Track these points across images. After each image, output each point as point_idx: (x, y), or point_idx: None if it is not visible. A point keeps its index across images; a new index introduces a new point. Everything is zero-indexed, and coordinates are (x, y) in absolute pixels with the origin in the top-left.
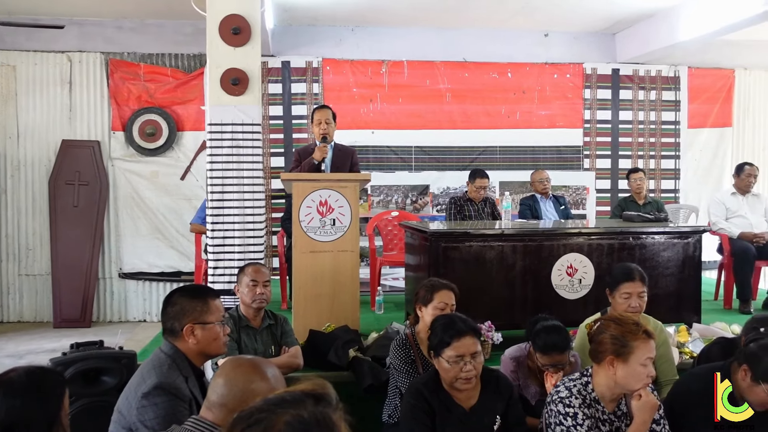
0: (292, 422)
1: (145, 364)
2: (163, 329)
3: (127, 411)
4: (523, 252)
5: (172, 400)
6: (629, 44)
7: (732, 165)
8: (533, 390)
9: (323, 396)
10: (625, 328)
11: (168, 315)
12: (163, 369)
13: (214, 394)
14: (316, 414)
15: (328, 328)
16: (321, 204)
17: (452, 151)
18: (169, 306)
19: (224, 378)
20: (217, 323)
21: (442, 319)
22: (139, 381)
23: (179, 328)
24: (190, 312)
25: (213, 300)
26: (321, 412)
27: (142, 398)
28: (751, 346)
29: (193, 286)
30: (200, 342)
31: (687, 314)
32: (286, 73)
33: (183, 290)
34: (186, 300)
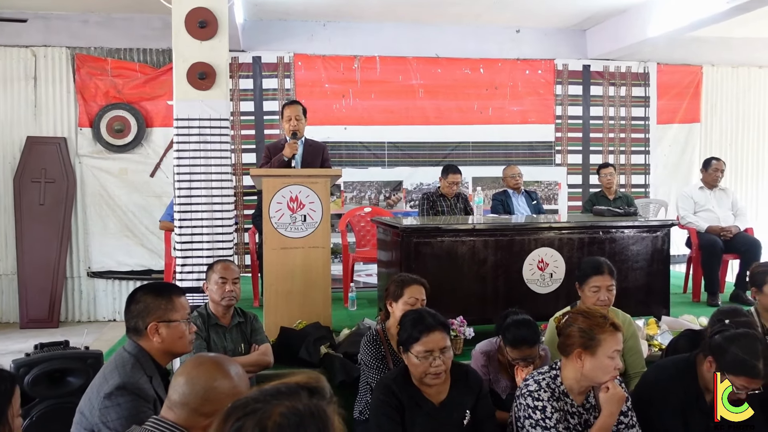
0: (287, 413)
1: (108, 364)
2: (127, 328)
3: (89, 412)
4: (494, 247)
5: (135, 401)
6: (600, 40)
7: (700, 160)
8: (504, 384)
9: (317, 389)
10: (593, 321)
11: (131, 313)
12: (127, 369)
13: (176, 393)
14: (310, 406)
15: (299, 325)
16: (291, 200)
17: (425, 147)
18: (133, 304)
19: (186, 377)
20: (182, 321)
21: (411, 314)
22: (102, 381)
23: (143, 326)
24: (154, 310)
25: (178, 297)
26: (315, 405)
27: (105, 399)
28: (716, 338)
29: (157, 284)
30: (165, 341)
31: (656, 307)
32: (257, 68)
33: (147, 288)
34: (150, 298)
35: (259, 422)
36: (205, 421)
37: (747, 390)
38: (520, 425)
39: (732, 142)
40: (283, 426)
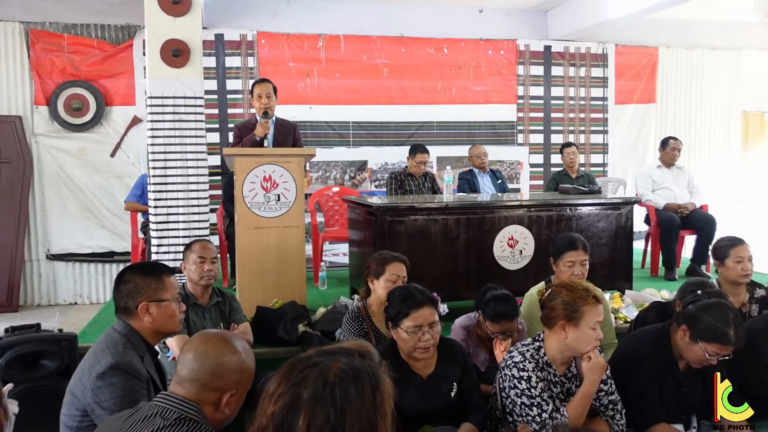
0: (345, 368)
1: (98, 344)
2: (116, 308)
3: (81, 392)
4: (466, 225)
5: (128, 380)
6: (560, 21)
7: (656, 139)
8: (482, 357)
9: (368, 353)
10: (576, 293)
11: (121, 293)
12: (119, 348)
13: (185, 369)
14: (365, 365)
15: (275, 304)
16: (265, 179)
17: (390, 127)
18: (122, 284)
19: (194, 353)
20: (172, 300)
21: (399, 291)
22: (93, 361)
23: (134, 306)
24: (144, 290)
25: (168, 277)
26: (369, 364)
27: (98, 379)
28: (690, 308)
29: (146, 264)
30: (156, 320)
31: (620, 282)
32: (219, 46)
33: (136, 268)
34: (139, 277)
35: (322, 373)
36: (214, 396)
37: (719, 356)
38: (505, 395)
39: (686, 122)
40: (343, 378)
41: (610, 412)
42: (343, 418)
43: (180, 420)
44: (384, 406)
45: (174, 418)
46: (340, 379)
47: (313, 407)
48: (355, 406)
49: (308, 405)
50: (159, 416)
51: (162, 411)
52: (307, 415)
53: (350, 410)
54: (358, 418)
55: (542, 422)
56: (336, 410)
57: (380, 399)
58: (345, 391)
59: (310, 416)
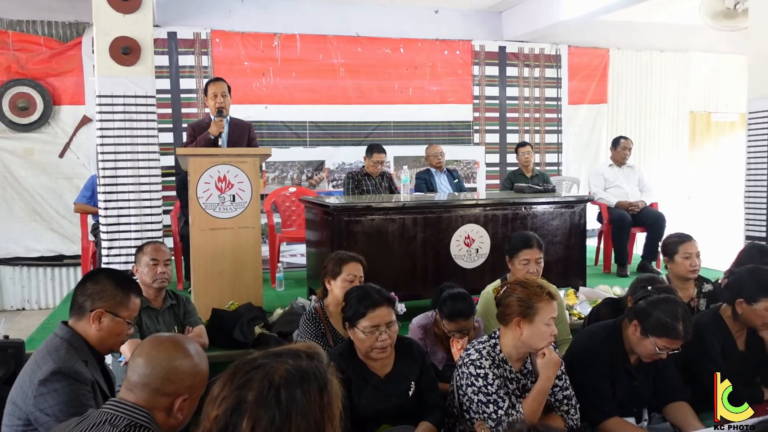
0: (291, 370)
1: (39, 351)
2: (72, 303)
3: (22, 401)
4: (423, 224)
5: (72, 385)
6: (514, 23)
7: (608, 139)
8: (440, 356)
9: (316, 355)
10: (530, 290)
11: (85, 290)
12: (60, 353)
13: (135, 374)
14: (312, 366)
15: (231, 306)
16: (219, 180)
17: (347, 127)
18: (91, 282)
19: (145, 357)
20: (126, 321)
21: (356, 291)
22: (34, 368)
23: (89, 308)
24: (108, 297)
25: (135, 297)
26: (316, 366)
27: (40, 386)
28: (641, 303)
29: (122, 275)
30: (102, 331)
31: (574, 279)
32: (172, 44)
33: (111, 273)
34: (110, 284)
35: (267, 374)
36: (166, 401)
37: (668, 350)
38: (462, 393)
39: (636, 122)
40: (288, 380)
41: (564, 407)
42: (289, 419)
43: (130, 427)
44: (332, 407)
45: (124, 425)
46: (286, 381)
47: (257, 409)
48: (301, 408)
49: (252, 407)
50: (108, 423)
51: (111, 418)
52: (251, 418)
53: (296, 412)
54: (304, 420)
55: (498, 419)
56: (281, 412)
57: (327, 400)
58: (290, 393)
59: (255, 419)
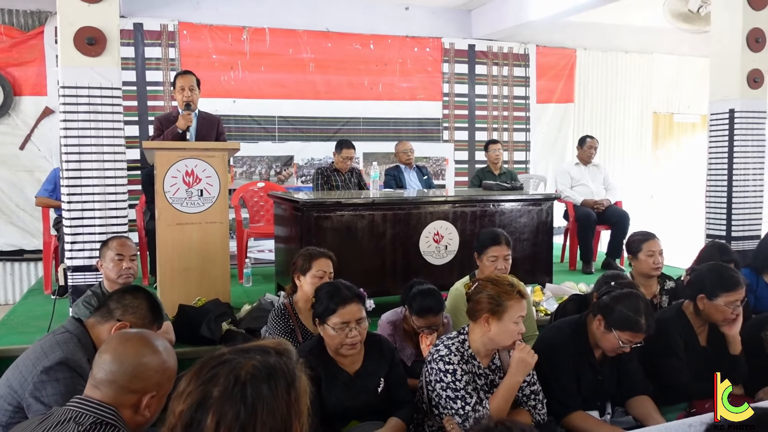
0: (258, 366)
1: (46, 340)
2: (102, 306)
3: (19, 386)
4: (392, 221)
5: (75, 378)
6: (484, 21)
7: (574, 138)
8: (409, 351)
9: (284, 351)
10: (501, 288)
11: (122, 300)
12: (69, 346)
13: (101, 371)
14: (280, 362)
15: (198, 302)
16: (187, 174)
17: (316, 122)
18: (131, 295)
19: (112, 353)
20: None
21: (326, 287)
22: (40, 355)
23: (118, 317)
24: (139, 316)
25: (157, 328)
26: (284, 362)
27: (43, 373)
28: (604, 299)
29: (158, 303)
30: None
31: (540, 275)
32: (138, 35)
33: (151, 297)
34: (146, 306)
35: (233, 370)
36: (133, 398)
37: (632, 344)
38: (430, 389)
39: (602, 121)
40: (255, 375)
41: (531, 402)
42: (254, 415)
43: (96, 425)
44: (299, 404)
45: (89, 422)
46: (253, 377)
47: (222, 405)
48: (268, 404)
49: (218, 403)
50: (73, 421)
51: (76, 416)
52: (216, 413)
53: (262, 408)
54: (270, 416)
55: (466, 414)
56: (246, 407)
57: (295, 396)
58: (257, 389)
59: (220, 414)
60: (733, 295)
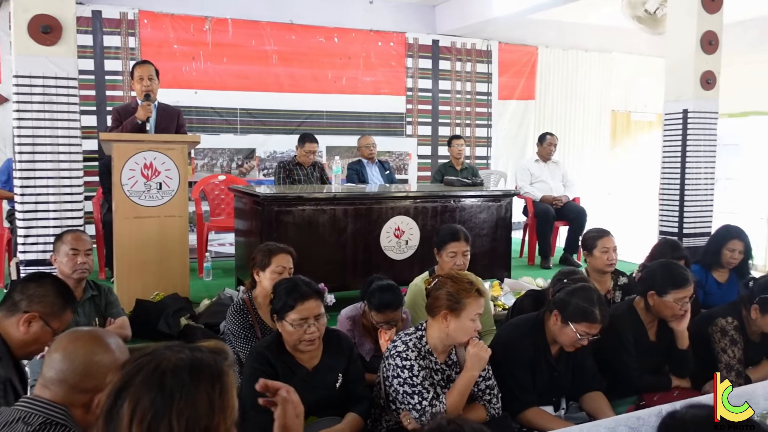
0: (184, 358)
1: None
2: (6, 298)
3: None
4: (354, 215)
5: None
6: (448, 17)
7: (535, 135)
8: (368, 347)
9: (220, 351)
10: (460, 285)
11: (26, 290)
12: None
13: (51, 370)
14: (209, 358)
15: (156, 296)
16: (146, 167)
17: (279, 115)
18: (34, 284)
19: (62, 352)
20: (54, 332)
21: (285, 283)
22: None
23: (24, 308)
24: (47, 304)
25: (70, 312)
26: (214, 359)
27: None
28: (559, 294)
29: (67, 287)
30: (29, 335)
31: (499, 270)
32: (97, 23)
33: (57, 282)
34: (54, 291)
35: (157, 360)
36: (85, 397)
37: (588, 336)
38: (388, 384)
39: (561, 118)
40: (178, 366)
41: (487, 397)
42: (170, 404)
43: (45, 425)
44: (224, 398)
45: (38, 423)
46: (175, 367)
47: (139, 391)
48: (187, 394)
49: (135, 389)
50: (21, 422)
51: (25, 416)
52: (133, 400)
53: (180, 396)
54: (188, 406)
55: (423, 409)
56: (164, 395)
57: (220, 390)
58: (177, 378)
59: (136, 400)
60: (682, 291)
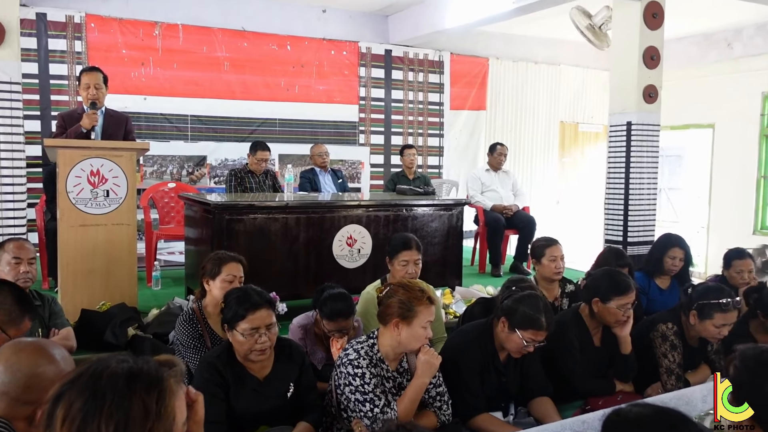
0: (125, 367)
1: None
2: None
3: None
4: (306, 224)
5: None
6: (401, 27)
7: (486, 144)
8: (320, 355)
9: (168, 363)
10: (412, 293)
11: None
12: None
13: None
14: (152, 368)
15: (102, 306)
16: (92, 174)
17: (230, 122)
18: None
19: (5, 364)
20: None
21: (236, 292)
22: None
23: None
24: (4, 311)
25: (28, 321)
26: (156, 369)
27: None
28: (506, 302)
29: (25, 294)
30: None
31: (451, 279)
32: (41, 26)
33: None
34: (11, 299)
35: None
36: (28, 410)
37: (534, 342)
38: (339, 392)
39: (511, 129)
40: (116, 373)
41: (437, 404)
42: (101, 406)
43: None
44: (162, 408)
45: None
46: (112, 374)
47: (74, 395)
48: (120, 398)
49: (69, 394)
50: None
51: None
52: (65, 405)
53: (112, 401)
54: (119, 410)
55: (374, 417)
56: (96, 399)
57: (157, 397)
58: (112, 383)
59: (69, 404)
60: (624, 298)
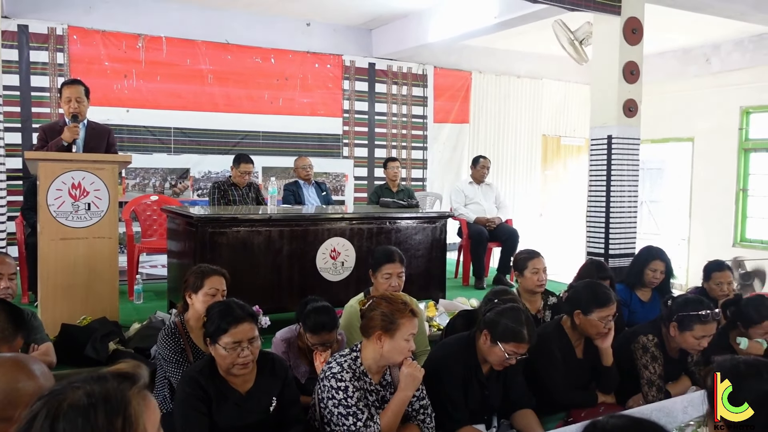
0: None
1: None
2: None
3: None
4: (289, 237)
5: None
6: (384, 41)
7: (469, 157)
8: (303, 369)
9: (129, 375)
10: (395, 306)
11: None
12: None
13: None
14: (108, 391)
15: (83, 321)
16: (74, 187)
17: (214, 135)
18: None
19: None
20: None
21: (218, 306)
22: None
23: None
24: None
25: (20, 338)
26: (115, 389)
27: None
28: (488, 315)
29: (19, 312)
30: None
31: (434, 291)
32: (23, 38)
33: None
34: (4, 317)
35: (52, 404)
36: (6, 426)
37: (516, 355)
38: (323, 406)
39: (494, 142)
40: (73, 406)
41: (421, 416)
42: None
43: None
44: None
45: None
46: (70, 408)
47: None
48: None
49: None
50: None
51: None
52: None
53: None
54: None
55: (357, 430)
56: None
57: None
58: (71, 422)
59: None
60: (606, 310)
